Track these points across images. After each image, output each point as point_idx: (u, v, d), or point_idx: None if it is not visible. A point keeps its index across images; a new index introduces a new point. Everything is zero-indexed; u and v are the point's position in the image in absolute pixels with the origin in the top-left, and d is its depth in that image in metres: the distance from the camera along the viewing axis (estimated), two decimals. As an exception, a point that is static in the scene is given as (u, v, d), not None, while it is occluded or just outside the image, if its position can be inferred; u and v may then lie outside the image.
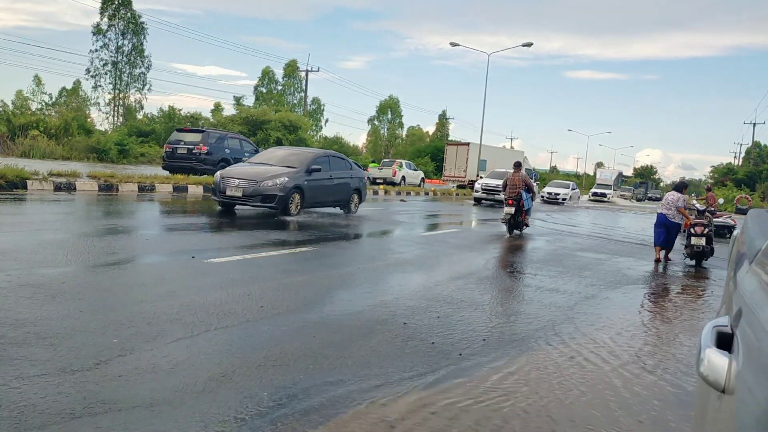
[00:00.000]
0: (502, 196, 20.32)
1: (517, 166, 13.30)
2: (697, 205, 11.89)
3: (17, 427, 2.50)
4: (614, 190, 50.33)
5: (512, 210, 12.55)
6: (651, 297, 7.44)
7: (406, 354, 4.04)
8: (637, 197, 62.32)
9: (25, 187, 12.28)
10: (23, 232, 7.29)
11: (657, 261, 10.59)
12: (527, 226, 13.46)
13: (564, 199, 32.01)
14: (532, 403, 3.40)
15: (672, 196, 10.77)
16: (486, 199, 24.95)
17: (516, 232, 12.99)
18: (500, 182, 20.41)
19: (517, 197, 12.61)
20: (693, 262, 10.56)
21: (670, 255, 10.88)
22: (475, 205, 24.55)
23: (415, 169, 35.87)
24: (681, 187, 11.10)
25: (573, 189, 34.65)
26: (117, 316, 4.16)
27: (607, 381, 3.92)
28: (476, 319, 5.18)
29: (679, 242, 11.50)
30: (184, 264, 6.22)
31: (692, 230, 10.33)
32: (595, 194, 46.86)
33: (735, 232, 2.86)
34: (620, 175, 62.41)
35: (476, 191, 25.66)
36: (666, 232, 10.61)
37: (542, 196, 32.27)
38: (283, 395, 3.13)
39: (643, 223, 22.56)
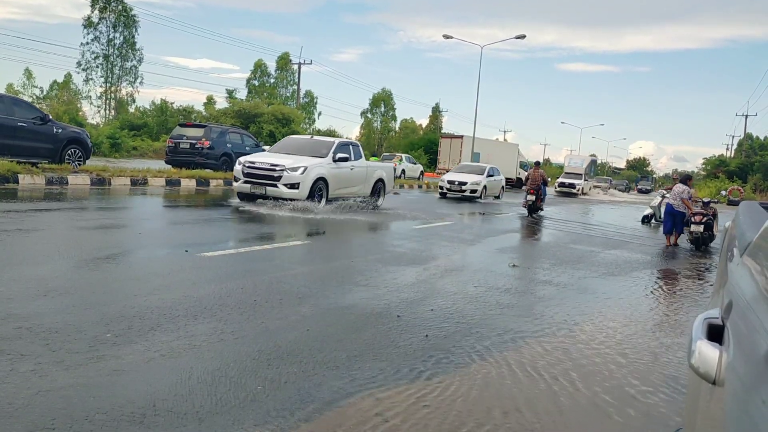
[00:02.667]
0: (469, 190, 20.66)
1: (537, 164, 17.81)
2: (704, 198, 13.17)
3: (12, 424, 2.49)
4: (586, 180, 42.24)
5: (533, 198, 16.41)
6: (640, 288, 7.47)
7: (400, 347, 4.05)
8: (618, 189, 56.24)
9: (16, 181, 12.22)
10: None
11: (667, 247, 12.08)
12: (542, 210, 17.18)
13: (473, 191, 21.40)
14: (526, 394, 3.42)
15: (678, 188, 12.28)
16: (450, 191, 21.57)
17: (534, 215, 16.55)
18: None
19: (537, 188, 16.39)
20: (693, 247, 11.93)
21: (677, 241, 12.42)
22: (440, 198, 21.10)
23: (414, 163, 36.07)
24: (686, 179, 12.55)
25: (490, 176, 22.91)
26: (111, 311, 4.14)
27: (606, 374, 3.95)
28: (470, 311, 5.19)
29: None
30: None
31: (693, 219, 11.70)
32: (561, 185, 39.13)
33: (726, 224, 2.88)
34: (593, 162, 50.72)
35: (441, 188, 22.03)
36: (673, 220, 12.15)
37: (440, 188, 22.23)
38: (276, 389, 3.13)
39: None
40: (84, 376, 3.02)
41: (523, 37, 34.75)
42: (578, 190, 38.37)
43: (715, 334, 1.17)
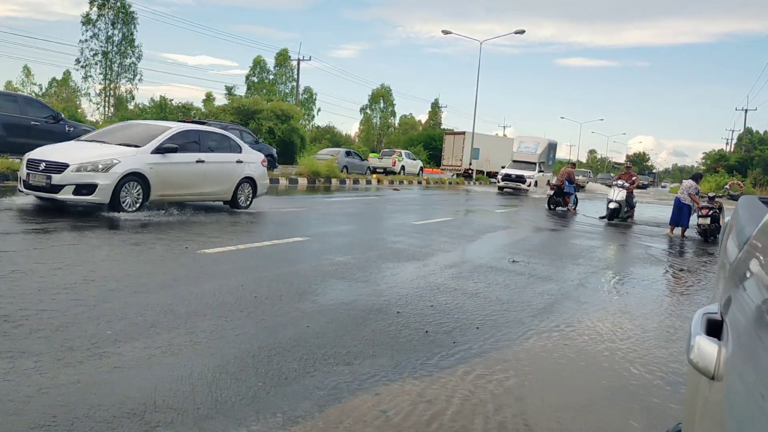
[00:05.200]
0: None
1: (573, 165, 20.69)
2: (710, 193, 14.10)
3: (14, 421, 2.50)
4: (541, 170, 30.77)
5: (552, 192, 18.91)
6: (638, 282, 7.49)
7: (400, 343, 4.05)
8: (604, 183, 49.15)
9: (16, 179, 12.21)
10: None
11: (670, 237, 13.03)
12: (569, 208, 18.72)
13: (83, 191, 8.47)
14: (526, 389, 3.43)
15: (687, 183, 13.77)
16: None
17: (560, 208, 18.53)
18: None
19: (558, 184, 18.75)
20: (701, 238, 12.81)
21: (685, 233, 13.46)
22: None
23: (413, 159, 36.06)
24: (697, 177, 14.15)
25: (167, 151, 9.25)
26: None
27: (608, 370, 3.95)
28: (470, 307, 5.20)
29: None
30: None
31: (700, 212, 12.72)
32: (506, 178, 28.19)
33: (726, 219, 2.88)
34: (551, 147, 35.96)
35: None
36: (679, 212, 13.31)
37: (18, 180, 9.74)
38: (277, 385, 3.14)
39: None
40: (85, 373, 3.03)
41: (522, 32, 34.76)
42: (528, 185, 27.82)
43: (715, 329, 1.17)
